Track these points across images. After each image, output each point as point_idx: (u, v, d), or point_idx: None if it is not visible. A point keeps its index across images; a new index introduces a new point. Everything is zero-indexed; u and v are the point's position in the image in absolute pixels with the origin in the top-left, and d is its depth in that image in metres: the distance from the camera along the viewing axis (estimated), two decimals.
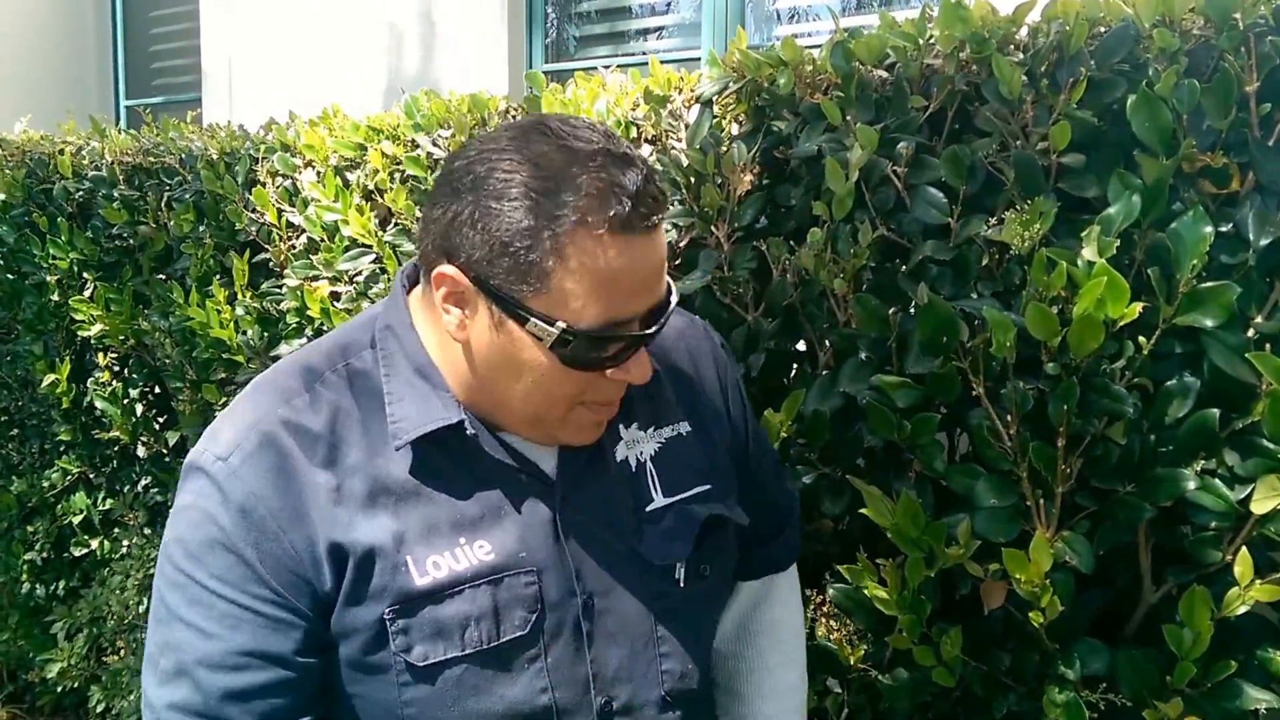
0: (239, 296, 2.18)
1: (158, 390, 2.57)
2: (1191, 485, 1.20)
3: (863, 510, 1.29)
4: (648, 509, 1.04)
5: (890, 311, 1.36)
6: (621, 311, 0.89)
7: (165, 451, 2.52)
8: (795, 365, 1.58)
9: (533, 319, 0.87)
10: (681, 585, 1.05)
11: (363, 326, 1.02)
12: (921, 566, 1.30)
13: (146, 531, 2.51)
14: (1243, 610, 1.19)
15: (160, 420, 2.57)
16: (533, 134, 0.87)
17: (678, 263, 1.61)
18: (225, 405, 2.33)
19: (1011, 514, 1.27)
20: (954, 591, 1.35)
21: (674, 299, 0.94)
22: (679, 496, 1.05)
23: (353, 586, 0.93)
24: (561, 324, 0.87)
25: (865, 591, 1.33)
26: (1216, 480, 1.21)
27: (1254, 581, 1.18)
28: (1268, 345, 1.18)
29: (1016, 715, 1.31)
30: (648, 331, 0.92)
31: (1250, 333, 1.21)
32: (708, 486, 1.08)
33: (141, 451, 2.56)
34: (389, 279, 1.97)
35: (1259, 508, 1.18)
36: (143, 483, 2.57)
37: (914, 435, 1.34)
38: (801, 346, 1.56)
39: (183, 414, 2.36)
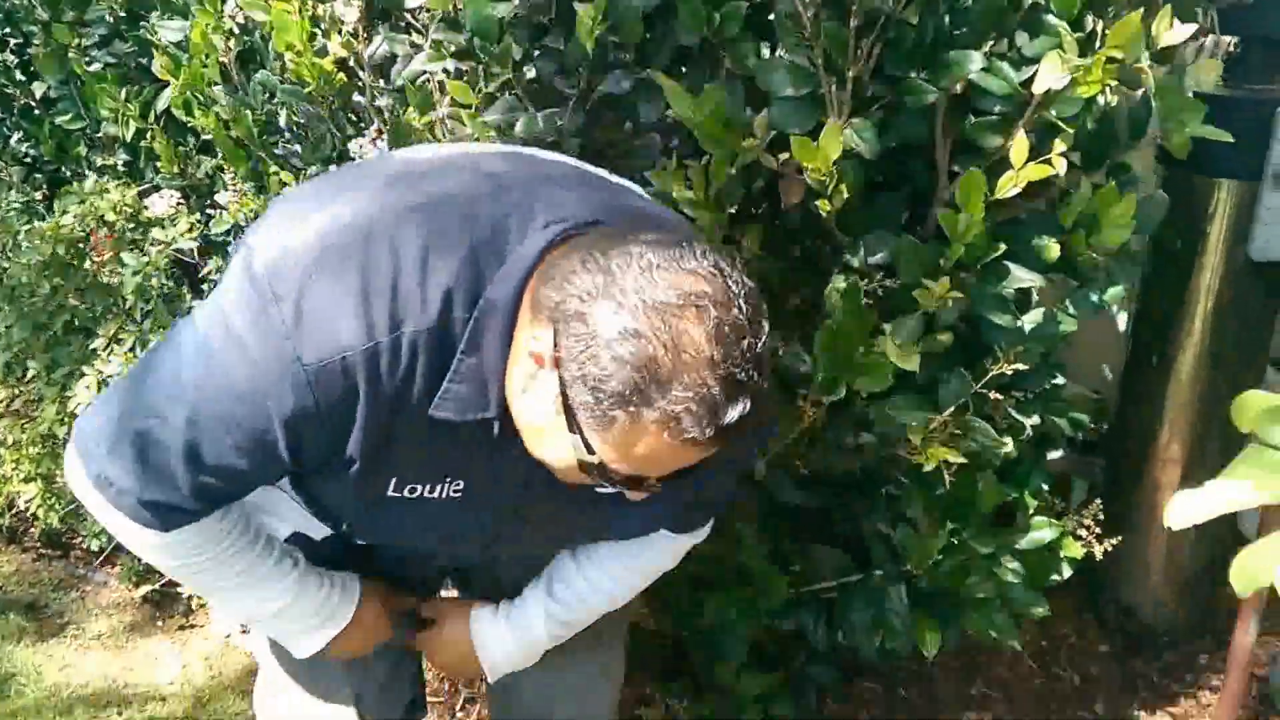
0: None
1: (17, 40, 2.45)
2: (977, 67, 1.19)
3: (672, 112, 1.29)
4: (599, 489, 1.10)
5: None
6: (652, 472, 0.91)
7: (33, 103, 2.45)
8: None
9: (579, 436, 0.88)
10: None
11: (470, 250, 0.94)
12: (725, 164, 1.32)
13: (18, 191, 2.47)
14: (1014, 192, 1.23)
15: (24, 72, 2.47)
16: (690, 313, 0.82)
17: None
18: (79, 46, 2.28)
19: (808, 103, 1.27)
20: (751, 186, 1.37)
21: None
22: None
23: (343, 469, 0.99)
24: (599, 458, 0.88)
25: (674, 195, 1.36)
26: (1004, 64, 1.20)
27: (1027, 164, 1.20)
28: None
29: (806, 307, 1.38)
30: (664, 482, 0.93)
31: None
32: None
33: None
34: None
35: (1040, 87, 1.18)
36: (14, 137, 2.51)
37: (724, 29, 1.31)
38: None
39: (37, 58, 2.27)
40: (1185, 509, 0.86)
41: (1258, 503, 0.85)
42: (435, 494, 1.05)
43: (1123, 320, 2.16)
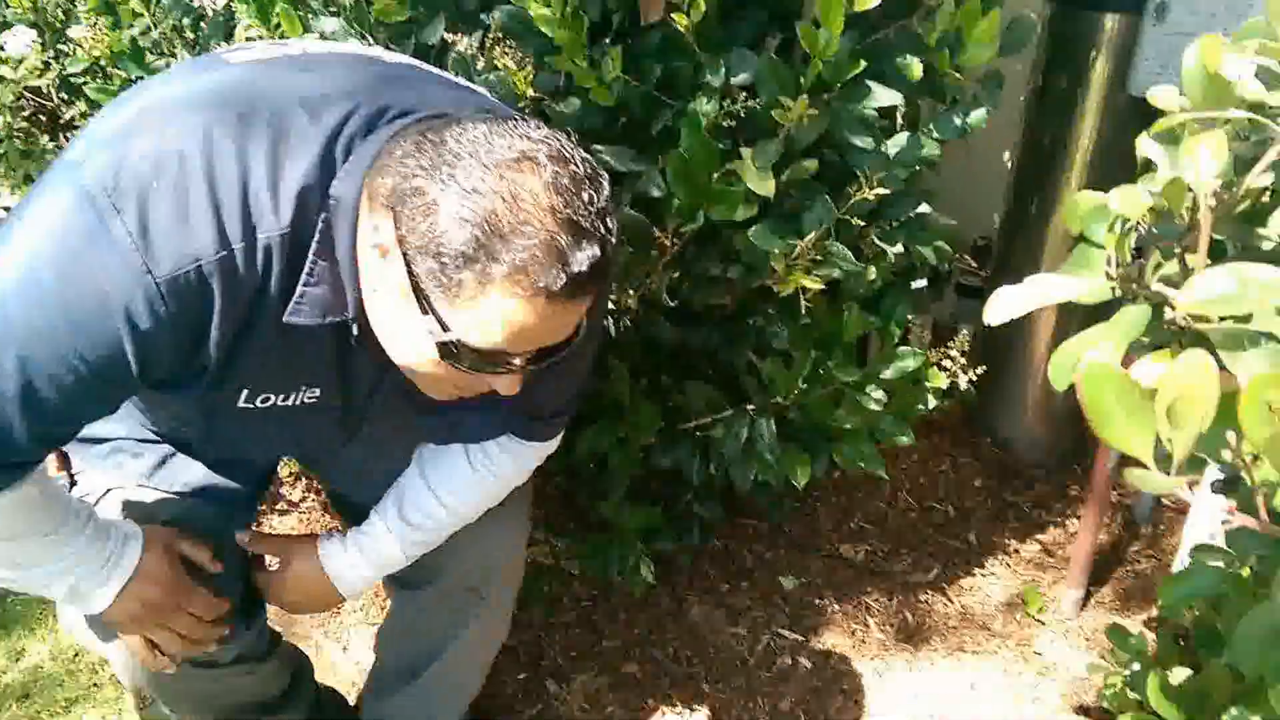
0: None
1: None
2: None
3: None
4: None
5: None
6: (514, 348, 0.88)
7: None
8: None
9: (431, 316, 0.86)
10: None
11: (322, 148, 0.90)
12: None
13: None
14: (875, 3, 1.19)
15: None
16: (527, 166, 0.82)
17: None
18: None
19: None
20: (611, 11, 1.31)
21: (579, 336, 0.93)
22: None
23: (193, 381, 0.97)
24: (454, 336, 0.86)
25: (532, 13, 1.29)
26: None
27: None
28: None
29: (671, 131, 1.34)
30: (531, 366, 0.92)
31: None
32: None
33: None
34: None
35: None
36: None
37: None
38: None
39: None
40: (1005, 302, 0.86)
41: (1077, 296, 0.86)
42: (289, 402, 1.03)
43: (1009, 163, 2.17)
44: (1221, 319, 0.69)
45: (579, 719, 1.70)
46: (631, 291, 1.43)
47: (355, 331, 0.96)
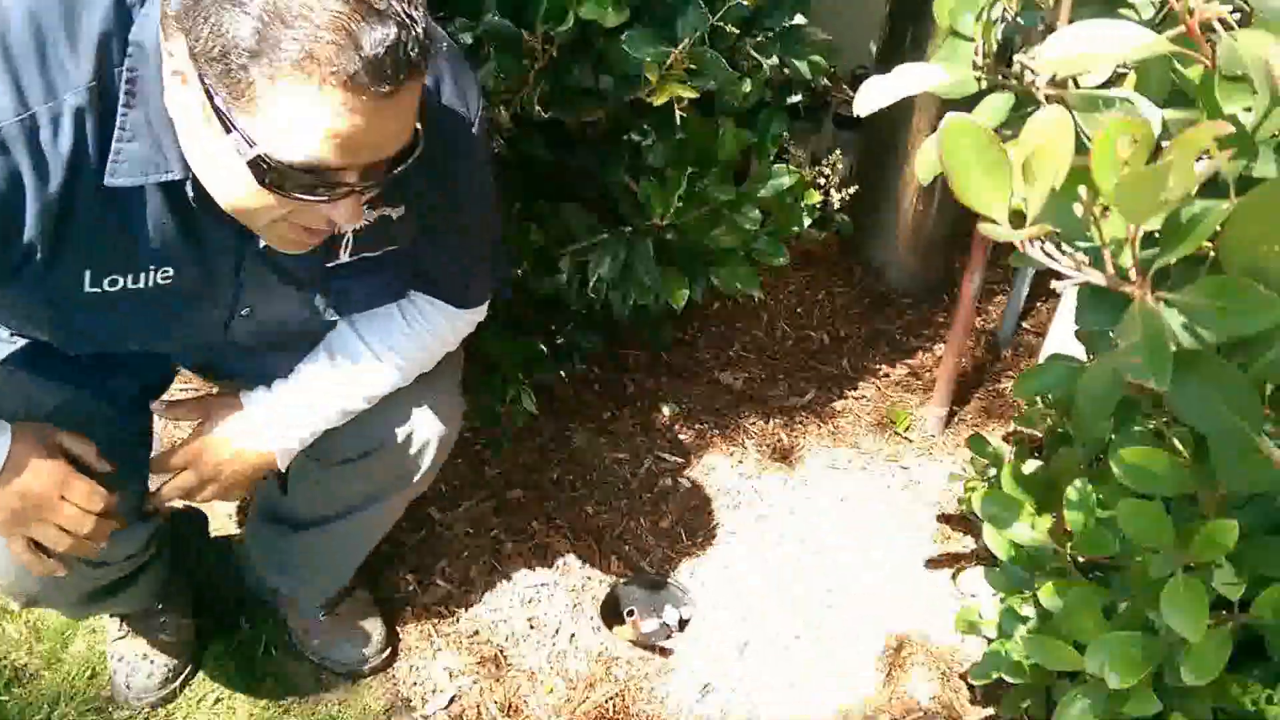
0: None
1: None
2: None
3: None
4: (329, 265, 1.07)
5: None
6: (331, 160, 0.82)
7: None
8: None
9: (235, 133, 0.81)
10: (336, 320, 1.15)
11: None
12: None
13: None
14: None
15: None
16: None
17: None
18: None
19: None
20: None
21: (415, 154, 0.88)
22: (362, 256, 1.08)
23: (24, 265, 0.91)
24: (262, 149, 0.81)
25: None
26: None
27: None
28: None
29: None
30: (367, 185, 0.86)
31: None
32: (393, 247, 1.10)
33: None
34: None
35: None
36: None
37: None
38: None
39: None
40: (874, 91, 0.85)
41: (945, 86, 0.86)
42: (141, 284, 0.97)
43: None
44: (1078, 85, 0.70)
45: (464, 543, 1.73)
46: (504, 108, 1.38)
47: (191, 193, 0.91)
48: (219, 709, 1.52)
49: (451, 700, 1.56)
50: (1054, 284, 0.60)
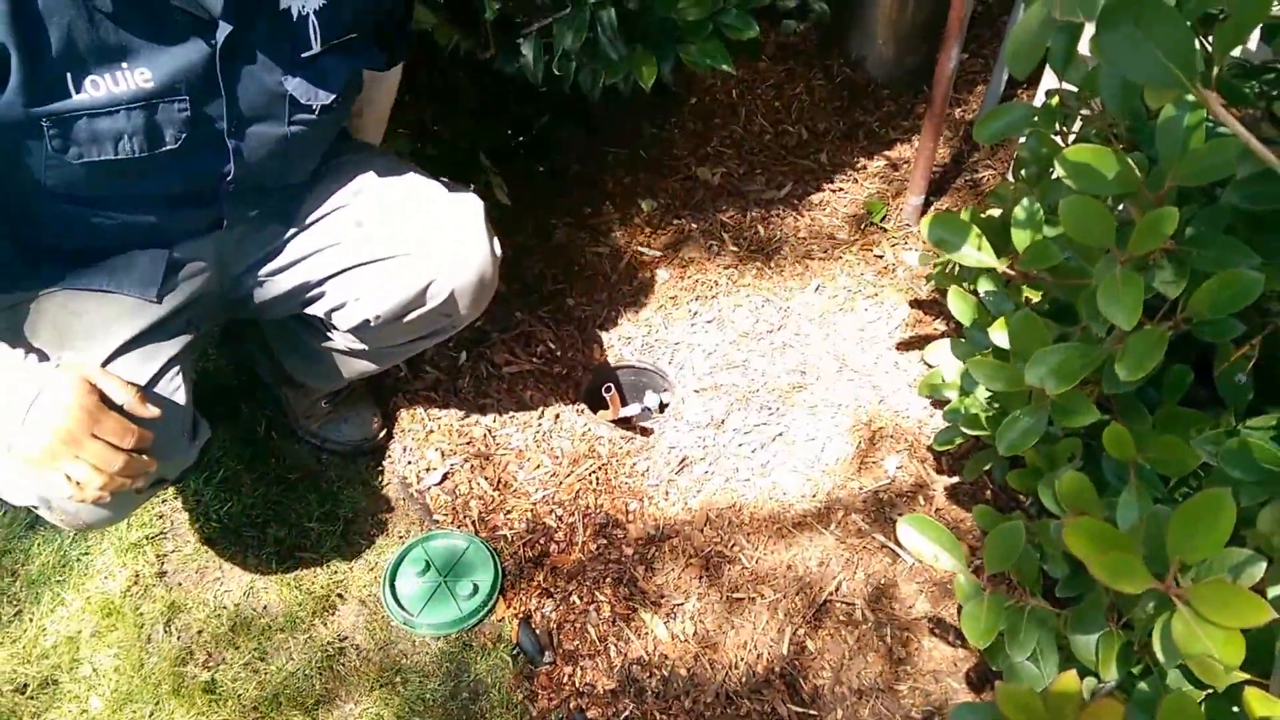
0: None
1: None
2: None
3: None
4: (303, 55, 1.13)
5: None
6: None
7: None
8: None
9: None
10: (316, 116, 1.18)
11: None
12: None
13: None
14: None
15: None
16: None
17: None
18: None
19: None
20: None
21: None
22: (332, 43, 1.14)
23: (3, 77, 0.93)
24: None
25: None
26: None
27: None
28: None
29: None
30: None
31: None
32: (354, 36, 1.17)
33: None
34: None
35: None
36: None
37: None
38: None
39: None
40: None
41: None
42: (121, 85, 1.00)
43: None
44: None
45: None
46: None
47: None
48: (226, 486, 1.59)
49: (444, 477, 1.63)
50: None
